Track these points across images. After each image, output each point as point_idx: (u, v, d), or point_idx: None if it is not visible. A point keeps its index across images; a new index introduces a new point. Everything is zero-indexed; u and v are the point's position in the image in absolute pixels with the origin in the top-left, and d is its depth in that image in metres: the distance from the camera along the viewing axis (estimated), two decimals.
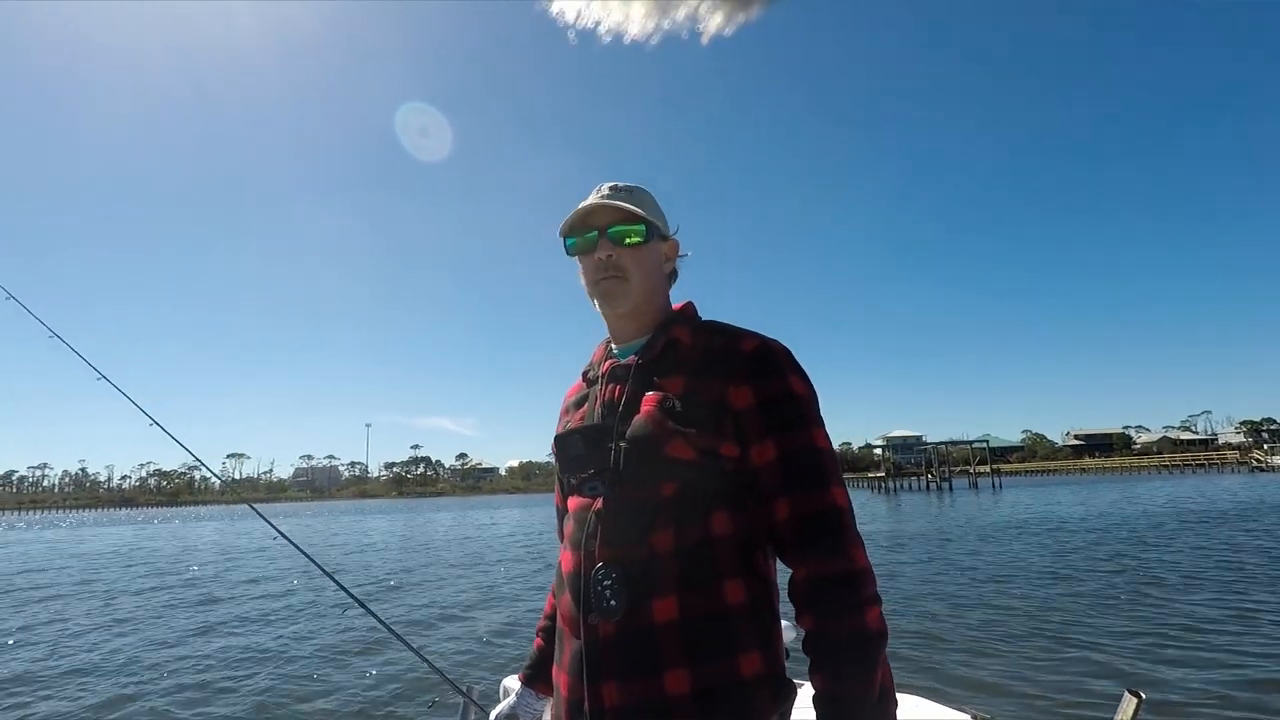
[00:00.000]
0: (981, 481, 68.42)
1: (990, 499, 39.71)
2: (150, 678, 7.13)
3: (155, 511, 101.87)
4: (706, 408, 1.11)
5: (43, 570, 18.52)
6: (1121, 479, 69.74)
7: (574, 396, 1.33)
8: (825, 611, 1.03)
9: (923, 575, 11.75)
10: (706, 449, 1.09)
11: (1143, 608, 8.50)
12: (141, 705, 6.25)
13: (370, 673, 6.98)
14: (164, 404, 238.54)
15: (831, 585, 1.03)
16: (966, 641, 7.20)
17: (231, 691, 6.57)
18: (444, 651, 8.00)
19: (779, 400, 1.12)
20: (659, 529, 1.08)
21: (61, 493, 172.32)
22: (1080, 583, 10.37)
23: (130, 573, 17.13)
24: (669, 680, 1.03)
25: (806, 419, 1.12)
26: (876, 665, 1.01)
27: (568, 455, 1.21)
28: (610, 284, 1.22)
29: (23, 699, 6.59)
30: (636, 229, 1.22)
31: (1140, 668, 6.10)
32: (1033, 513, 25.89)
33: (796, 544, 1.07)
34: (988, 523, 22.31)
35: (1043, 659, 6.45)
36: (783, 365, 1.15)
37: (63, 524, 57.52)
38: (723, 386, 1.12)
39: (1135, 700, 1.65)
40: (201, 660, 7.81)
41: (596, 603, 1.08)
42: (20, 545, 29.40)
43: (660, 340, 1.21)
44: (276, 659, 7.74)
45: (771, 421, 1.10)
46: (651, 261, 1.25)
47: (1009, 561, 12.98)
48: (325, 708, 6.03)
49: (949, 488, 62.55)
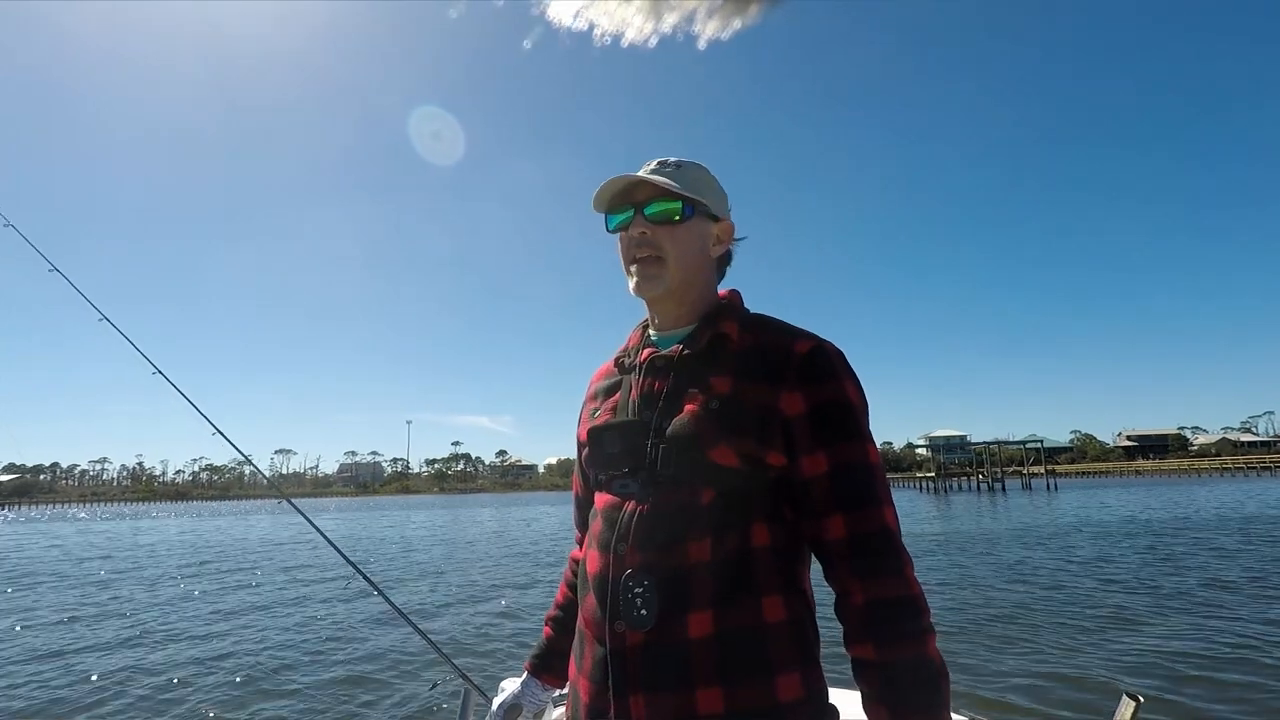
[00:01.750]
0: (1035, 482, 67.33)
1: (1045, 500, 38.49)
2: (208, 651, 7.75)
3: (207, 505, 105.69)
4: (754, 412, 1.04)
5: (141, 552, 19.75)
6: (1180, 482, 67.52)
7: (603, 381, 1.26)
8: (887, 638, 0.97)
9: (1002, 579, 11.00)
10: (752, 456, 1.03)
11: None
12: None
13: (380, 652, 7.58)
14: (214, 401, 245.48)
15: (893, 610, 0.97)
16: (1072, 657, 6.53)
17: (251, 657, 7.45)
18: (465, 642, 8.24)
19: (832, 409, 1.04)
20: (696, 538, 1.02)
21: (119, 486, 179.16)
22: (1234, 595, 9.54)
23: (195, 557, 19.11)
24: (701, 699, 0.97)
25: (860, 431, 1.05)
26: (945, 702, 0.95)
27: (602, 451, 1.13)
28: (645, 264, 1.15)
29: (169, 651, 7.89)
30: (673, 205, 1.13)
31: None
32: (1112, 515, 24.57)
33: (850, 564, 1.00)
34: (1063, 524, 21.20)
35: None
36: (837, 370, 1.07)
37: (129, 515, 59.48)
38: (773, 390, 1.05)
39: (1133, 704, 1.59)
40: (243, 632, 8.80)
41: (625, 611, 1.02)
42: (103, 536, 30.18)
43: (707, 333, 1.13)
44: (306, 640, 8.36)
45: (824, 431, 1.03)
46: (692, 241, 1.15)
47: (1123, 573, 12.12)
48: (333, 676, 6.75)
49: (1001, 488, 61.73)
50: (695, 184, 1.16)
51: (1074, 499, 38.99)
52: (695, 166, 1.19)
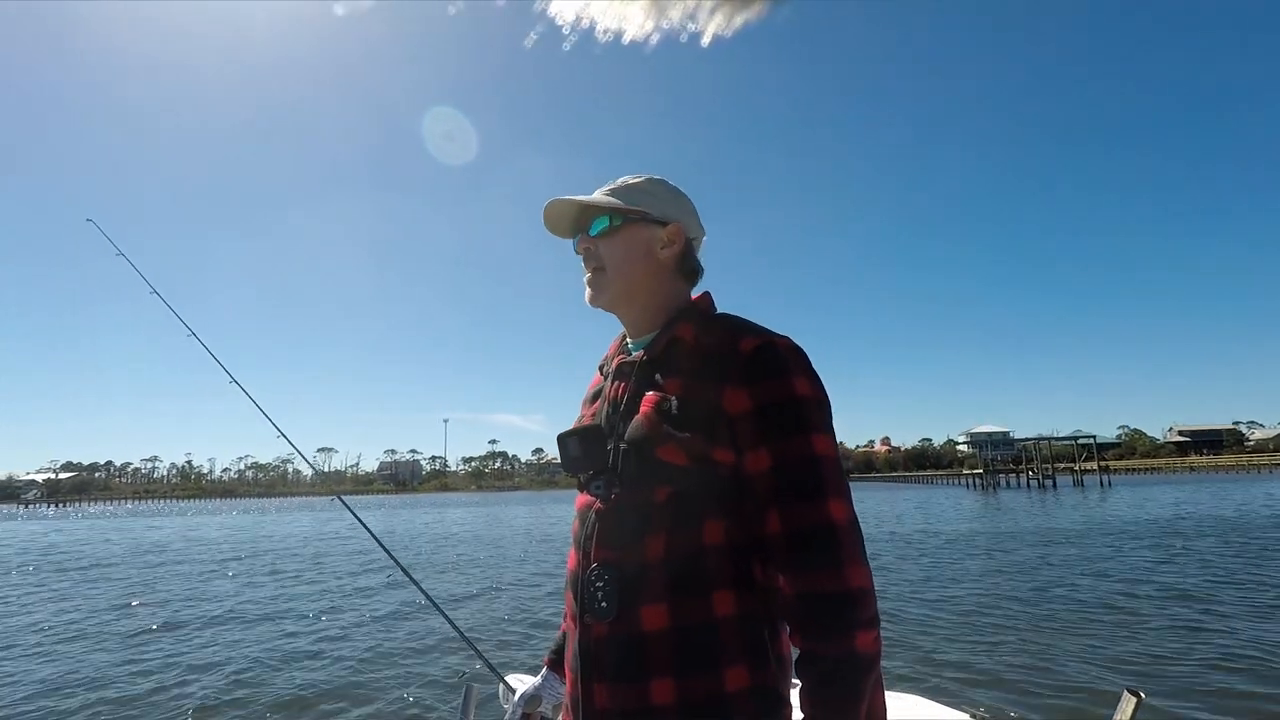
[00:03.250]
0: (1088, 479, 65.36)
1: (1100, 497, 37.12)
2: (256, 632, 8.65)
3: (254, 502, 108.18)
4: (701, 411, 1.05)
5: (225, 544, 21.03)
6: (1239, 479, 64.39)
7: (592, 390, 1.31)
8: (813, 632, 0.97)
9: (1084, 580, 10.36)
10: (700, 455, 1.05)
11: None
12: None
13: (413, 640, 8.18)
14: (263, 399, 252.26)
15: (822, 604, 0.97)
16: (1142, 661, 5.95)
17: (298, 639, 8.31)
18: (485, 632, 8.65)
19: (777, 404, 1.03)
20: (651, 534, 1.05)
21: (169, 483, 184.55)
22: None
23: (251, 549, 20.55)
24: (655, 689, 1.01)
25: (807, 424, 1.03)
26: (861, 695, 0.95)
27: (567, 455, 1.19)
28: (590, 277, 1.22)
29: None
30: (601, 217, 1.20)
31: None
32: (1183, 512, 23.36)
33: (786, 559, 1.01)
34: (1135, 521, 20.18)
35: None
36: (785, 365, 1.06)
37: (186, 512, 61.30)
38: (718, 388, 1.06)
39: (1135, 700, 1.61)
40: (341, 614, 9.93)
41: (589, 603, 1.08)
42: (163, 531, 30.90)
43: (664, 337, 1.16)
44: (349, 632, 8.93)
45: (767, 427, 1.03)
46: (629, 247, 1.20)
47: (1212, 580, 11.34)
48: (359, 656, 7.42)
49: (1052, 485, 59.99)
50: (633, 194, 1.21)
51: (1130, 496, 37.54)
52: (641, 179, 1.24)
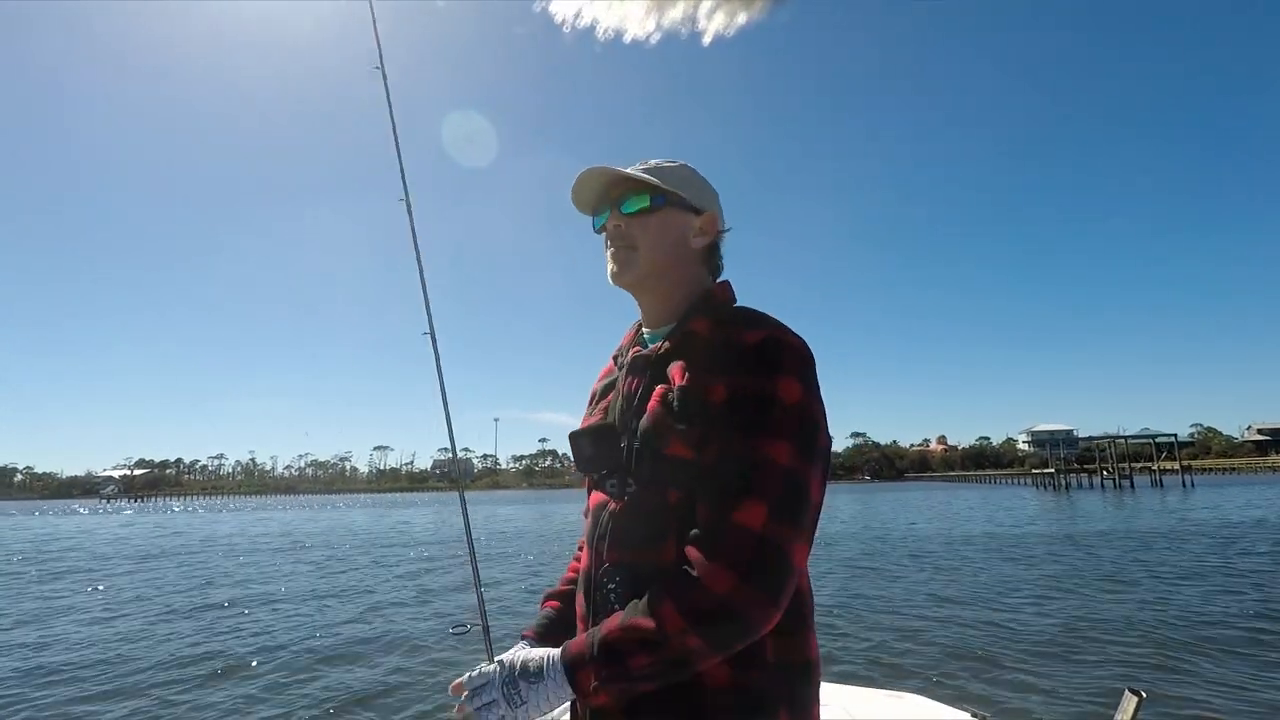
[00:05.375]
0: (1167, 479, 62.09)
1: (1179, 499, 34.68)
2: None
3: (314, 498, 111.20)
4: (699, 403, 1.02)
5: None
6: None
7: (603, 381, 1.26)
8: (656, 596, 0.95)
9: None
10: (699, 448, 1.01)
11: None
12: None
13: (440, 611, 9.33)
14: (312, 399, 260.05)
15: (688, 587, 0.93)
16: None
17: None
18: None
19: (750, 399, 0.98)
20: (662, 539, 1.02)
21: (234, 480, 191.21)
22: None
23: (323, 540, 21.73)
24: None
25: (773, 426, 0.97)
26: (647, 677, 0.93)
27: (580, 454, 1.16)
28: (615, 253, 1.17)
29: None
30: (643, 196, 1.16)
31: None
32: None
33: (694, 544, 0.96)
34: (1254, 526, 18.46)
35: None
36: (779, 363, 1.00)
37: (279, 506, 63.01)
38: (714, 379, 1.02)
39: (1136, 699, 1.59)
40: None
41: (600, 605, 1.07)
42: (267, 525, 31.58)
43: (680, 330, 1.13)
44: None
45: (730, 419, 0.99)
46: (665, 231, 1.16)
47: None
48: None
49: (1130, 485, 56.88)
50: (670, 177, 1.17)
51: (1216, 497, 35.14)
52: (675, 164, 1.20)
